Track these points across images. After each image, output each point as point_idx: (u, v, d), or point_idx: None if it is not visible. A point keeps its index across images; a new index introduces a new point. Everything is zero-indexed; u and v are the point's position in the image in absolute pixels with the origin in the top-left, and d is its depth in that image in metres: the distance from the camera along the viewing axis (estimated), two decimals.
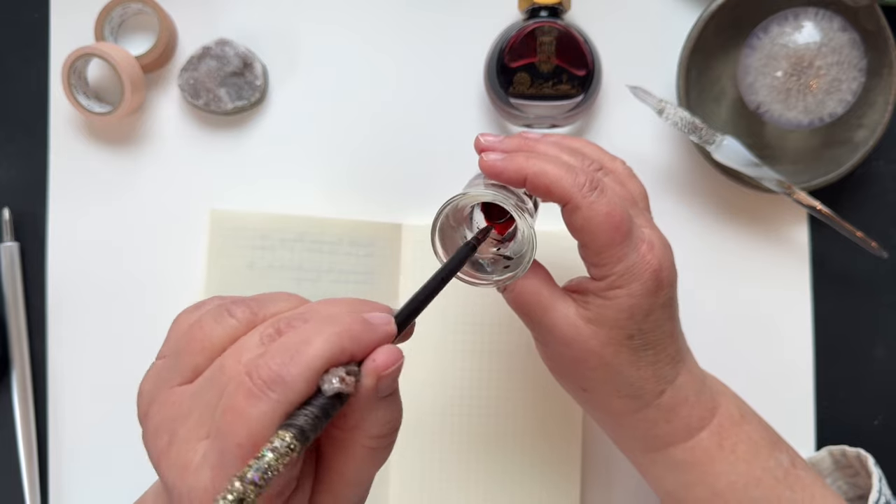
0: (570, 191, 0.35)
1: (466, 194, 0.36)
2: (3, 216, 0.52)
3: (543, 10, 0.49)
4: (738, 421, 0.42)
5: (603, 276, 0.37)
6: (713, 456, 0.40)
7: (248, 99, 0.52)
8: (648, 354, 0.38)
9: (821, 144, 0.51)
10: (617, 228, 0.36)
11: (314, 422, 0.26)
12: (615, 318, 0.37)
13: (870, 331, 0.53)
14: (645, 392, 0.39)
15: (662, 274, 0.37)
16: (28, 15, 0.53)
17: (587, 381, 0.39)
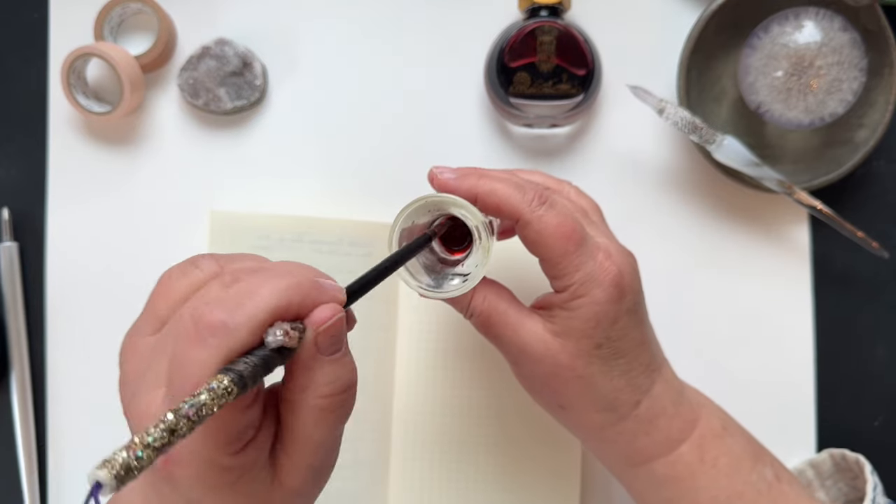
0: (520, 207, 0.37)
1: (431, 196, 0.36)
2: (3, 216, 0.52)
3: (543, 10, 0.49)
4: (720, 433, 0.41)
5: (564, 287, 0.37)
6: (694, 470, 0.40)
7: (248, 99, 0.51)
8: (620, 363, 0.38)
9: (821, 144, 0.51)
10: (569, 238, 0.37)
11: (254, 370, 0.26)
12: (582, 327, 0.37)
13: (871, 331, 0.53)
14: (621, 403, 0.39)
15: (624, 280, 0.38)
16: (27, 15, 0.53)
17: (563, 398, 0.39)
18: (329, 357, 0.30)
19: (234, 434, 0.28)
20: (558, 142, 0.53)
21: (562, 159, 0.53)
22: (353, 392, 0.31)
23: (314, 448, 0.30)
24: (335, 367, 0.30)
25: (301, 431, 0.30)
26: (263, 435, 0.30)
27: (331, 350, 0.30)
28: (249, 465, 0.29)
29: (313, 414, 0.30)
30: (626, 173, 0.53)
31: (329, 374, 0.30)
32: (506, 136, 0.53)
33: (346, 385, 0.30)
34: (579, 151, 0.53)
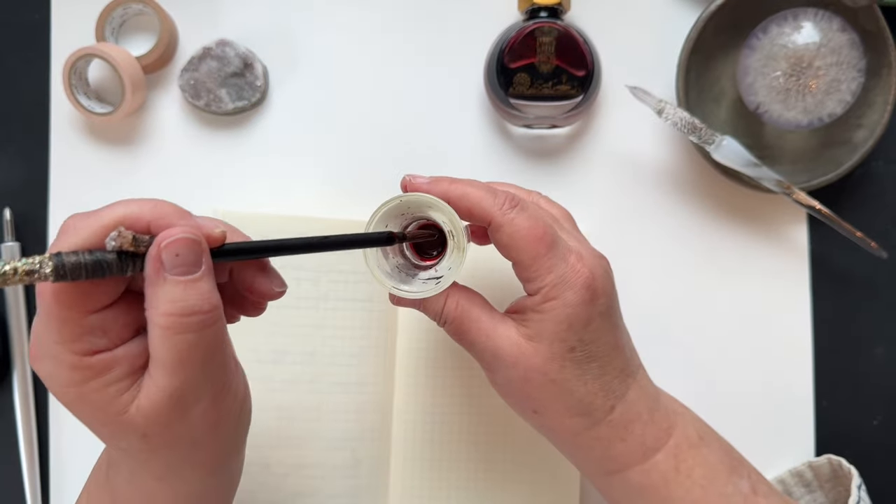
0: (491, 210, 0.37)
1: (407, 195, 0.37)
2: (5, 216, 0.52)
3: (543, 11, 0.50)
4: (696, 443, 0.41)
5: (536, 290, 0.37)
6: (669, 480, 0.40)
7: (249, 99, 0.52)
8: (593, 367, 0.38)
9: (820, 144, 0.51)
10: (540, 240, 0.37)
11: (77, 263, 0.29)
12: (554, 330, 0.37)
13: (869, 331, 0.53)
14: (595, 408, 0.39)
15: (596, 283, 0.38)
16: (29, 16, 0.53)
17: (536, 402, 0.39)
18: (173, 276, 0.30)
19: (76, 332, 0.30)
20: (558, 142, 0.53)
21: (561, 160, 0.53)
22: (202, 321, 0.30)
23: (165, 370, 0.30)
24: (179, 287, 0.30)
25: (152, 350, 0.31)
26: (126, 351, 0.31)
27: (176, 269, 0.30)
28: (98, 372, 0.30)
29: (156, 332, 0.30)
30: (625, 174, 0.53)
31: (170, 293, 0.30)
32: (506, 137, 0.53)
33: (190, 309, 0.30)
34: (579, 152, 0.53)
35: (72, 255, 0.29)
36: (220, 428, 0.34)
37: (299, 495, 0.49)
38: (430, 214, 0.39)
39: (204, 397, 0.32)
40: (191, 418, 0.32)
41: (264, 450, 0.49)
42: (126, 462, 0.34)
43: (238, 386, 0.35)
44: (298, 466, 0.50)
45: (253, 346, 0.49)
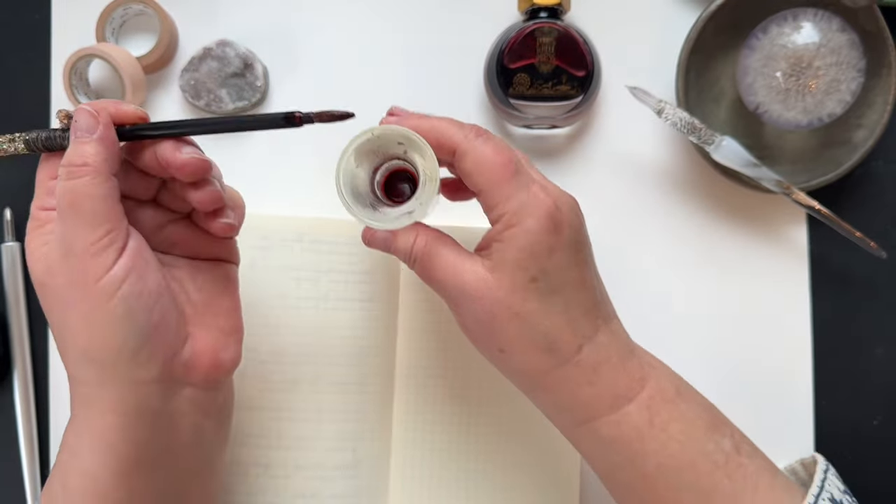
0: (457, 138, 0.38)
1: (379, 127, 0.39)
2: (5, 216, 0.52)
3: (543, 11, 0.50)
4: (673, 398, 0.39)
5: (498, 218, 0.38)
6: (643, 434, 0.38)
7: (249, 100, 0.52)
8: (558, 301, 0.38)
9: (820, 145, 0.51)
10: (505, 166, 0.38)
11: (38, 136, 0.38)
12: (515, 258, 0.37)
13: (869, 331, 0.53)
14: (561, 344, 0.38)
15: (560, 214, 0.38)
16: (29, 16, 0.53)
17: (502, 339, 0.39)
18: (74, 138, 0.36)
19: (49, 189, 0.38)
20: (558, 142, 0.53)
21: (561, 160, 0.53)
22: (72, 172, 0.36)
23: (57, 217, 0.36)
24: (74, 146, 0.36)
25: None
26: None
27: (76, 133, 0.36)
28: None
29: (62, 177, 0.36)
30: (625, 174, 0.53)
31: (70, 149, 0.36)
32: (505, 137, 0.53)
33: (69, 161, 0.36)
34: (579, 152, 0.53)
35: (34, 133, 0.38)
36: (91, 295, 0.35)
37: (299, 496, 0.49)
38: (401, 153, 0.40)
39: (80, 243, 0.35)
40: (65, 272, 0.35)
41: (264, 451, 0.50)
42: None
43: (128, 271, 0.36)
44: (298, 467, 0.50)
45: (253, 346, 0.49)
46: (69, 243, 0.35)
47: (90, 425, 0.36)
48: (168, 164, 0.37)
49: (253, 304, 0.50)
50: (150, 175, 0.39)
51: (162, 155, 0.37)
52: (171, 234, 0.41)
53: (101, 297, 0.35)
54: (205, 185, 0.38)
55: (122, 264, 0.35)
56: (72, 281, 0.35)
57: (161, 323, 0.37)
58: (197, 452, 0.40)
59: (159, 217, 0.40)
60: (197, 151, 0.38)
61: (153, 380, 0.37)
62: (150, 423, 0.37)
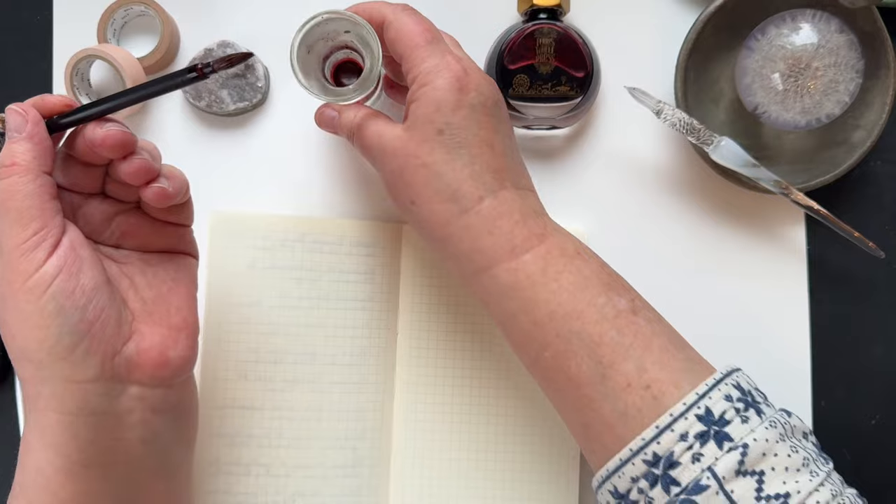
0: (385, 10, 0.43)
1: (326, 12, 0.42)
2: None
3: (542, 12, 0.50)
4: (571, 255, 0.41)
5: (413, 79, 0.42)
6: (535, 281, 0.40)
7: (250, 100, 0.52)
8: (463, 154, 0.41)
9: (818, 145, 0.51)
10: (422, 34, 0.42)
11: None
12: (424, 112, 0.41)
13: (867, 330, 0.53)
14: (463, 194, 0.41)
15: (466, 78, 0.41)
16: (31, 17, 0.53)
17: (413, 191, 0.42)
18: (8, 137, 0.37)
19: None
20: (557, 143, 0.53)
21: (561, 160, 0.53)
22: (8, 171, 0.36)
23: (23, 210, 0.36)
24: (5, 146, 0.37)
25: None
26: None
27: (8, 133, 0.37)
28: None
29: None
30: (624, 174, 0.53)
31: (3, 149, 0.37)
32: None
33: (6, 161, 0.36)
34: (578, 153, 0.53)
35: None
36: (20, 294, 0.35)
37: (300, 495, 0.50)
38: (350, 41, 0.45)
39: (10, 242, 0.35)
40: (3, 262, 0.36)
41: (265, 450, 0.50)
42: None
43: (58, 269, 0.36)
44: (299, 467, 0.50)
45: (253, 347, 0.50)
46: (1, 243, 0.36)
47: (37, 422, 0.36)
48: (93, 143, 0.37)
49: (253, 304, 0.50)
50: (92, 165, 0.39)
51: (87, 137, 0.37)
52: (120, 225, 0.40)
53: (30, 295, 0.35)
54: (131, 157, 0.38)
55: (53, 262, 0.35)
56: (5, 279, 0.35)
57: (97, 320, 0.36)
58: (150, 451, 0.39)
59: (107, 208, 0.40)
60: (118, 125, 0.38)
61: (92, 378, 0.36)
62: (94, 423, 0.37)
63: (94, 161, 0.39)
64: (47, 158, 0.37)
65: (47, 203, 0.36)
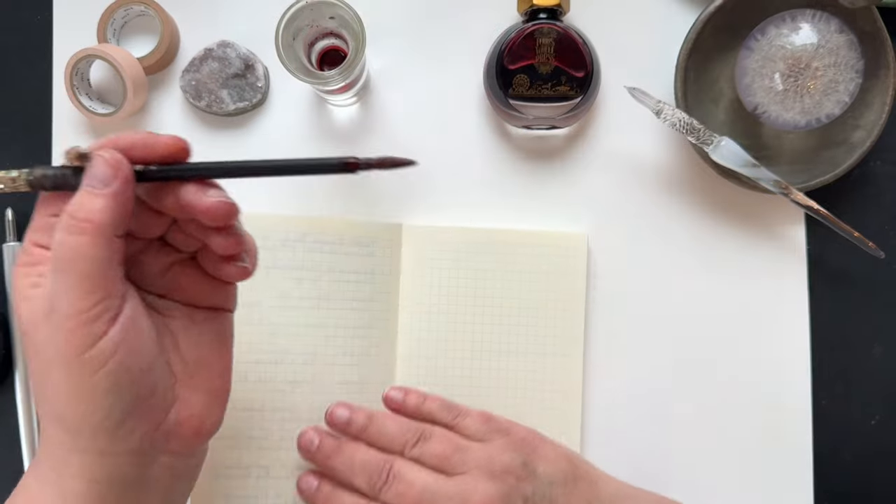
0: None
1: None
2: (7, 216, 0.52)
3: (542, 12, 0.50)
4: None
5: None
6: None
7: (250, 100, 0.52)
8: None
9: (818, 145, 0.51)
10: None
11: (46, 170, 0.34)
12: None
13: (867, 330, 0.53)
14: None
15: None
16: (31, 17, 0.53)
17: None
18: (83, 185, 0.33)
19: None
20: (557, 143, 0.53)
21: (560, 160, 0.53)
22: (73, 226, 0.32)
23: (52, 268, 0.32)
24: (81, 193, 0.32)
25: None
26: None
27: (87, 182, 0.33)
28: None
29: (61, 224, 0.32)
30: (624, 174, 0.53)
31: (76, 197, 0.33)
32: (505, 138, 0.53)
33: (81, 214, 0.32)
34: (578, 152, 0.53)
35: (40, 169, 0.34)
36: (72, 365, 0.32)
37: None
38: (334, 27, 0.45)
39: (60, 312, 0.31)
40: (47, 332, 0.32)
41: (265, 451, 0.50)
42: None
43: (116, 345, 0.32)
44: (299, 468, 0.50)
45: (254, 347, 0.50)
46: (56, 302, 0.32)
47: (57, 484, 0.34)
48: (192, 208, 0.34)
49: (253, 303, 0.50)
50: (163, 214, 0.35)
51: (185, 198, 0.34)
52: (175, 276, 0.37)
53: (85, 369, 0.32)
54: (228, 230, 0.35)
55: (113, 337, 0.32)
56: (54, 343, 0.32)
57: (150, 395, 0.34)
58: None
59: (164, 258, 0.37)
60: (223, 195, 0.34)
61: (131, 451, 0.34)
62: (120, 492, 0.34)
63: (177, 217, 0.35)
64: (125, 222, 0.33)
65: (114, 270, 0.33)
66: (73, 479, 0.33)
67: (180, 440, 0.36)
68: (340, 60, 0.46)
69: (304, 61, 0.47)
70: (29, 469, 0.36)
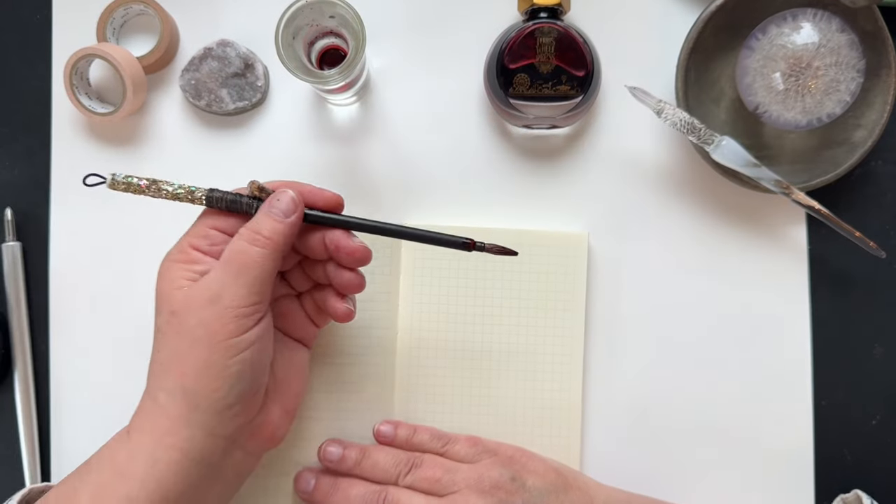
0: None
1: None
2: (6, 216, 0.52)
3: (543, 12, 0.50)
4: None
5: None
6: None
7: (250, 99, 0.52)
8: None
9: (819, 145, 0.51)
10: None
11: (224, 195, 0.42)
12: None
13: (868, 330, 0.53)
14: None
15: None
16: (30, 16, 0.53)
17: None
18: (266, 211, 0.41)
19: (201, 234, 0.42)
20: (557, 142, 0.53)
21: (561, 160, 0.53)
22: (256, 239, 0.40)
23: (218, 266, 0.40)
24: (266, 216, 0.41)
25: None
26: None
27: (268, 209, 0.41)
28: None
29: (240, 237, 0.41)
30: (624, 174, 0.53)
31: (259, 218, 0.41)
32: (505, 137, 0.53)
33: (265, 232, 0.40)
34: (578, 152, 0.53)
35: (219, 192, 0.42)
36: (218, 346, 0.38)
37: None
38: (334, 27, 0.46)
39: (224, 301, 0.39)
40: (204, 315, 0.38)
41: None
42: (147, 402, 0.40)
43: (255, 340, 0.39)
44: (298, 465, 0.50)
45: None
46: (220, 294, 0.39)
47: (150, 450, 0.39)
48: (339, 248, 0.42)
49: None
50: (295, 252, 0.44)
51: (334, 240, 0.42)
52: (282, 306, 0.45)
53: (227, 351, 0.39)
54: (357, 271, 0.43)
55: (255, 332, 0.39)
56: (205, 326, 0.38)
57: (257, 391, 0.41)
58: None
59: (281, 289, 0.45)
60: (364, 242, 0.43)
61: (225, 436, 0.40)
62: (203, 473, 0.40)
63: (315, 256, 0.44)
64: (290, 245, 0.41)
65: (272, 280, 0.41)
66: (169, 449, 0.38)
67: (257, 441, 0.43)
68: (340, 60, 0.46)
69: (303, 61, 0.47)
70: (115, 437, 0.41)
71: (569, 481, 0.47)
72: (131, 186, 0.42)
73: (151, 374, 0.40)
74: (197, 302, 0.39)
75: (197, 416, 0.39)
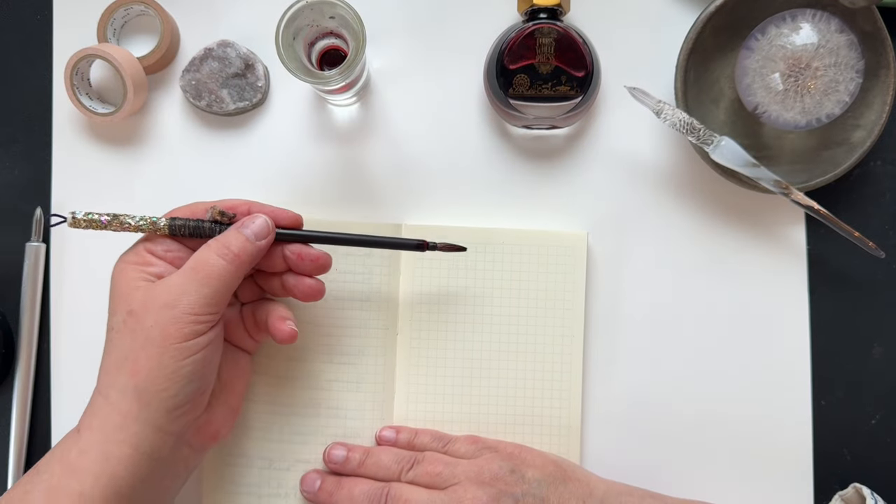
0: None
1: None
2: (35, 216, 0.52)
3: (543, 12, 0.50)
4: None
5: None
6: None
7: (250, 100, 0.52)
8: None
9: (818, 145, 0.51)
10: None
11: (185, 222, 0.44)
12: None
13: (867, 330, 0.53)
14: None
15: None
16: (31, 16, 0.53)
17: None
18: (239, 229, 0.43)
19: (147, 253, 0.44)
20: (557, 143, 0.53)
21: (560, 160, 0.53)
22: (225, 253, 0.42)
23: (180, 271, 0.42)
24: (238, 234, 0.43)
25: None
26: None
27: (241, 228, 0.43)
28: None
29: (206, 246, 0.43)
30: (624, 174, 0.53)
31: (231, 233, 0.43)
32: (505, 137, 0.53)
33: (234, 248, 0.42)
34: (578, 152, 0.53)
35: (180, 220, 0.43)
36: (171, 348, 0.40)
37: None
38: (334, 27, 0.46)
39: (182, 307, 0.40)
40: (161, 317, 0.40)
41: (267, 443, 0.50)
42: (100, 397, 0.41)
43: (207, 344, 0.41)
44: (299, 461, 0.50)
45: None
46: (180, 299, 0.40)
47: (102, 447, 0.40)
48: (302, 257, 0.45)
49: None
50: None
51: (295, 250, 0.45)
52: (228, 316, 0.46)
53: (179, 353, 0.40)
54: (316, 278, 0.46)
55: (208, 337, 0.41)
56: (161, 327, 0.40)
57: (204, 391, 0.43)
58: (160, 500, 0.44)
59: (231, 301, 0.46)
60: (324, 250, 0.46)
61: (174, 432, 0.41)
62: (153, 467, 0.41)
63: (274, 270, 0.46)
64: (255, 263, 0.44)
65: (230, 295, 0.43)
66: (121, 444, 0.40)
67: (202, 438, 0.45)
68: (340, 60, 0.46)
69: (304, 61, 0.47)
70: (64, 438, 0.42)
71: (568, 473, 0.47)
72: (93, 223, 0.43)
73: (103, 372, 0.41)
74: (156, 303, 0.40)
75: (147, 413, 0.40)
